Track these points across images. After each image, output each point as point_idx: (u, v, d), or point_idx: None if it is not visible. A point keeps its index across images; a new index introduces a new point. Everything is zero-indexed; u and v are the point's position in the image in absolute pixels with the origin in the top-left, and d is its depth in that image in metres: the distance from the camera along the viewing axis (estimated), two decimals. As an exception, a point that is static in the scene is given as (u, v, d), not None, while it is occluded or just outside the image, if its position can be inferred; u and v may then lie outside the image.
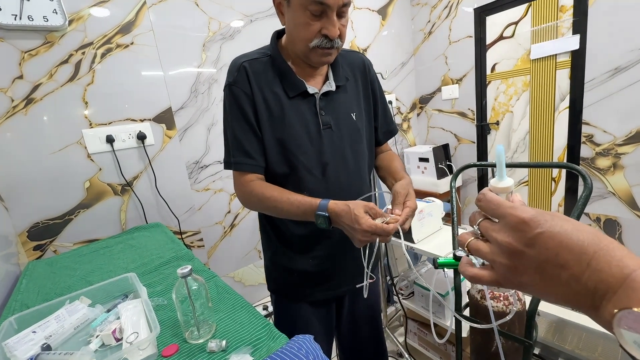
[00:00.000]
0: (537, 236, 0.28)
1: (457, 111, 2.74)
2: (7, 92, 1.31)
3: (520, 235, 0.29)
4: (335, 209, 0.68)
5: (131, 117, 1.60)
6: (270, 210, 0.79)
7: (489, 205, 0.33)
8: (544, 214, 0.29)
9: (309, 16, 0.68)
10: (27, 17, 1.30)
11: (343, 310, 0.98)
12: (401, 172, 0.88)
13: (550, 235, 0.28)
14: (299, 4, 0.68)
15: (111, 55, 1.52)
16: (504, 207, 0.31)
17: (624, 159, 1.90)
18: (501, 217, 0.32)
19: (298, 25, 0.71)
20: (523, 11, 2.18)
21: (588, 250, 0.26)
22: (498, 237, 0.31)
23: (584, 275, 0.26)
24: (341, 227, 0.69)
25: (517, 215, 0.30)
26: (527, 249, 0.29)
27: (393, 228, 0.65)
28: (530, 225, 0.29)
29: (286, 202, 0.74)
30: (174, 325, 0.74)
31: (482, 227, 0.34)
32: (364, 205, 0.66)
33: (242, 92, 0.77)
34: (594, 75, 1.93)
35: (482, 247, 0.33)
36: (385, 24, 2.67)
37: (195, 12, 1.75)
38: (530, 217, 0.29)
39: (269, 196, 0.76)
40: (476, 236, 0.35)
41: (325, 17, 0.69)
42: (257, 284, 2.16)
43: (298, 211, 0.73)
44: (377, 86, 0.92)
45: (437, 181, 2.54)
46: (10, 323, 0.74)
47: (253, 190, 0.78)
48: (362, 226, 0.63)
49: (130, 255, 1.23)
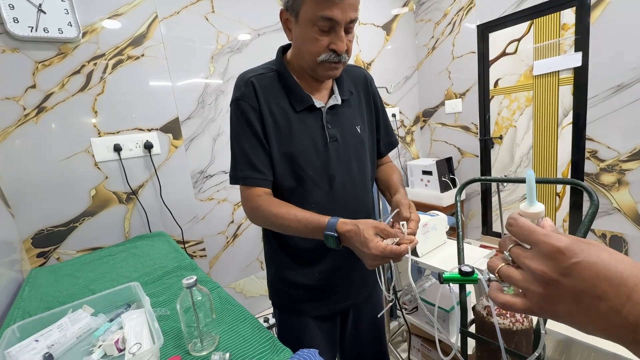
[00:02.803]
0: (573, 265, 0.28)
1: (461, 125, 2.76)
2: (20, 100, 1.34)
3: (555, 263, 0.29)
4: (344, 229, 0.66)
5: (139, 127, 1.62)
6: (277, 227, 0.77)
7: (520, 231, 0.32)
8: (579, 243, 0.28)
9: (317, 32, 0.70)
10: (43, 29, 1.34)
11: (347, 325, 0.97)
12: (397, 184, 0.88)
13: (586, 265, 0.27)
14: (308, 19, 0.70)
15: (122, 66, 1.56)
16: (537, 233, 0.31)
17: (629, 175, 1.90)
18: (534, 244, 0.31)
19: (307, 40, 0.73)
20: (525, 28, 2.22)
21: (628, 283, 0.25)
22: (531, 265, 0.30)
23: (624, 309, 0.25)
24: (351, 247, 0.67)
25: (552, 243, 0.29)
26: (563, 278, 0.28)
27: (404, 250, 0.63)
28: (566, 255, 0.28)
29: (294, 219, 0.72)
30: (177, 337, 0.74)
31: (514, 253, 0.33)
32: (373, 226, 0.64)
33: (250, 107, 0.78)
34: (596, 92, 1.95)
35: (514, 274, 0.32)
36: (389, 39, 2.72)
37: (205, 25, 1.79)
38: (566, 245, 0.28)
39: (276, 213, 0.75)
40: (507, 262, 0.34)
41: (333, 33, 0.71)
42: (258, 296, 2.13)
43: (306, 230, 0.72)
44: (378, 100, 0.95)
45: (441, 194, 2.54)
46: (12, 331, 0.73)
47: (260, 206, 0.77)
48: (371, 250, 0.62)
49: (133, 264, 1.23)
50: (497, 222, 2.73)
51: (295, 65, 0.81)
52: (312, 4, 0.68)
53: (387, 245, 0.62)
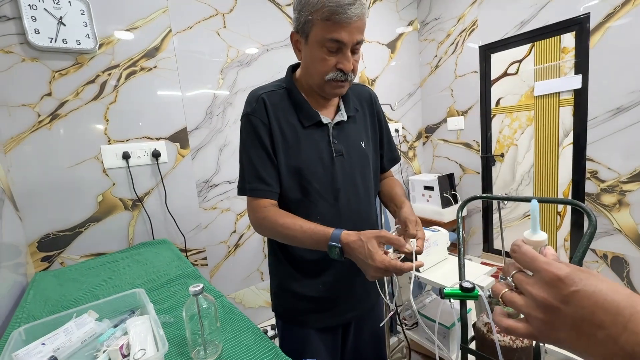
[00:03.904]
0: (573, 294, 0.29)
1: (463, 142, 2.80)
2: (35, 107, 1.38)
3: (555, 291, 0.30)
4: (348, 240, 0.68)
5: (148, 135, 1.66)
6: (282, 237, 0.79)
7: (523, 257, 0.34)
8: (579, 272, 0.30)
9: (325, 52, 0.75)
10: (62, 40, 1.40)
11: (348, 338, 0.97)
12: (402, 197, 0.91)
13: (585, 295, 0.28)
14: (317, 41, 0.74)
15: (135, 77, 1.61)
16: (538, 261, 0.32)
17: (629, 197, 1.91)
18: (536, 271, 0.33)
19: (315, 60, 0.77)
20: (527, 50, 2.29)
21: (624, 312, 0.27)
22: (533, 291, 0.32)
23: (621, 338, 0.26)
24: (354, 259, 0.69)
25: (552, 271, 0.31)
26: (563, 306, 0.30)
27: (408, 267, 0.64)
28: (566, 283, 0.29)
29: (299, 230, 0.74)
30: (180, 344, 0.75)
31: (517, 279, 0.35)
32: (376, 236, 0.66)
33: (260, 122, 0.82)
34: (596, 114, 1.99)
35: (517, 299, 0.34)
36: (394, 56, 2.79)
37: (216, 39, 1.86)
38: (565, 274, 0.30)
39: (282, 223, 0.77)
40: (510, 287, 0.36)
41: (340, 53, 0.75)
42: (257, 307, 2.12)
43: (311, 241, 0.73)
44: (382, 117, 0.99)
45: (442, 210, 2.55)
46: (19, 334, 0.75)
47: (267, 217, 0.79)
48: (375, 263, 0.63)
49: (136, 271, 1.24)
50: (498, 239, 2.73)
51: (304, 83, 0.85)
52: (321, 27, 0.72)
53: (392, 260, 0.64)
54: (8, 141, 1.34)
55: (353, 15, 0.70)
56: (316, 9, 0.71)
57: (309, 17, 0.73)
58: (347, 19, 0.70)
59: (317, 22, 0.72)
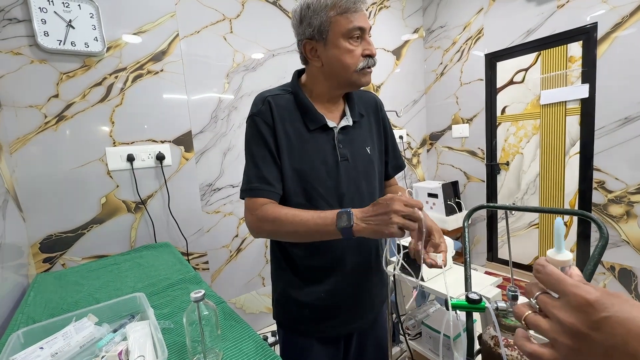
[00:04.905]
0: (603, 320, 0.27)
1: (467, 149, 2.78)
2: (42, 109, 1.39)
3: (584, 316, 0.28)
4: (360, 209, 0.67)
5: (153, 138, 1.66)
6: (285, 225, 0.74)
7: (548, 279, 0.32)
8: (609, 297, 0.28)
9: (351, 43, 0.77)
10: (70, 42, 1.41)
11: (350, 351, 0.95)
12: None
13: (617, 321, 0.27)
14: (341, 35, 0.77)
15: (141, 80, 1.62)
16: (565, 283, 0.30)
17: (637, 208, 1.88)
18: (563, 294, 0.31)
19: (343, 54, 0.78)
20: (533, 59, 2.28)
21: None
22: (560, 316, 0.30)
23: None
24: (366, 224, 0.65)
25: (582, 295, 0.29)
26: (593, 332, 0.28)
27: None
28: (596, 308, 0.28)
29: (303, 213, 0.73)
30: (180, 351, 0.73)
31: (541, 301, 0.33)
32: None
33: (264, 123, 0.81)
34: (604, 124, 1.97)
35: (542, 323, 0.32)
36: (399, 63, 2.80)
37: (223, 44, 1.87)
38: (595, 299, 0.28)
39: (285, 212, 0.74)
40: (533, 309, 0.34)
41: (362, 40, 0.79)
42: (258, 312, 2.10)
43: (317, 219, 0.70)
44: (387, 124, 0.98)
45: (446, 217, 2.53)
46: (17, 337, 0.74)
47: (267, 212, 0.76)
48: (400, 198, 0.63)
49: (138, 274, 1.23)
50: (502, 248, 2.69)
51: (310, 87, 0.86)
52: (342, 20, 0.76)
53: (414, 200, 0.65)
54: (14, 142, 1.34)
55: (362, 3, 0.77)
56: (330, 7, 0.75)
57: (324, 18, 0.75)
58: (360, 7, 0.76)
59: (335, 19, 0.75)
